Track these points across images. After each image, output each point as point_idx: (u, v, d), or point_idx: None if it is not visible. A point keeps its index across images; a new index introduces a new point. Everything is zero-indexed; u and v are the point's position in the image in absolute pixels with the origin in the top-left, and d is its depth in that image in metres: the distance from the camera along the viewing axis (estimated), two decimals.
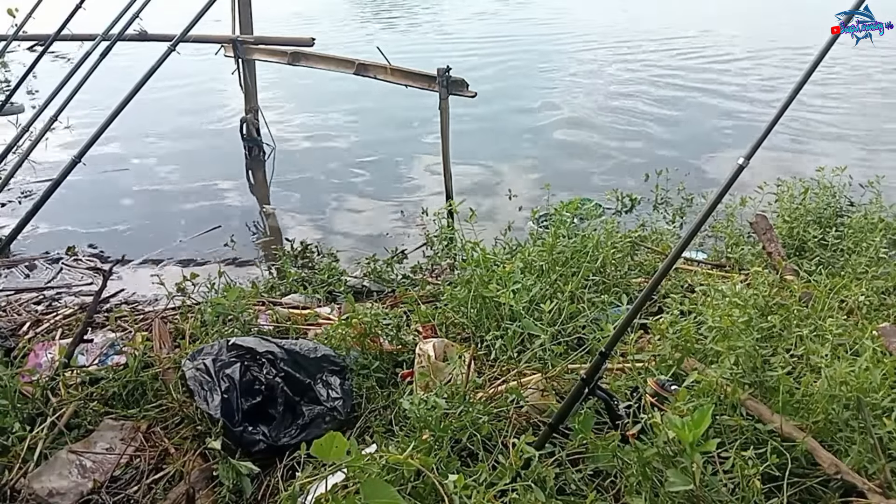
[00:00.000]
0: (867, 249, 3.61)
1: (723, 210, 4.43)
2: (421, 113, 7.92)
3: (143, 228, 5.62)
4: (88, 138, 3.90)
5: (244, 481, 2.39)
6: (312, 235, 5.41)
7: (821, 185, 4.45)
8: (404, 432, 2.40)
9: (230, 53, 6.46)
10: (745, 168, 2.04)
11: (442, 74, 5.02)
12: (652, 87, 9.78)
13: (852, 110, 8.48)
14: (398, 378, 2.89)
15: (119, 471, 2.52)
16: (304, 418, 2.62)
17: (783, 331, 2.66)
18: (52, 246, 5.14)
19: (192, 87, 9.79)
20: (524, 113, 8.83)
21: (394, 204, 6.07)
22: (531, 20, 16.03)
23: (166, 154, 7.49)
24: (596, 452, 2.14)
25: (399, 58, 5.54)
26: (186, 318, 3.40)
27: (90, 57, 4.35)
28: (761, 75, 10.18)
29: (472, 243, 3.38)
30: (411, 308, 3.40)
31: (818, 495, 2.09)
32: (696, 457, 1.80)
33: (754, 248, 4.03)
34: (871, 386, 2.16)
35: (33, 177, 6.25)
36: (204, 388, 2.62)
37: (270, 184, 6.72)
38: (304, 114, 8.90)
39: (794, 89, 2.08)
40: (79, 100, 4.17)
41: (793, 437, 2.12)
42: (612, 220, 3.87)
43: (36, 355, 3.16)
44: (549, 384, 2.65)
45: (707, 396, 2.25)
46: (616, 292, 3.30)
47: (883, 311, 3.05)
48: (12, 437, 2.54)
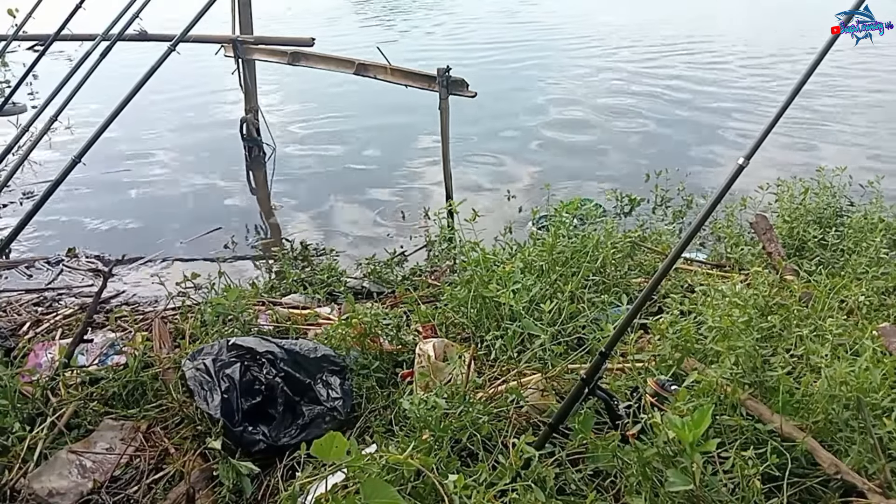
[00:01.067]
0: (867, 249, 3.61)
1: (723, 210, 4.43)
2: (421, 113, 7.92)
3: (144, 229, 5.62)
4: (88, 138, 3.89)
5: (244, 481, 2.39)
6: (312, 236, 5.42)
7: (821, 185, 4.45)
8: (404, 432, 2.40)
9: (230, 53, 6.46)
10: (744, 168, 2.04)
11: (442, 74, 5.02)
12: (653, 87, 9.78)
13: (852, 110, 8.48)
14: (398, 378, 2.89)
15: (119, 471, 2.52)
16: (304, 418, 2.62)
17: (783, 331, 2.66)
18: (52, 247, 5.14)
19: (192, 87, 9.79)
20: (525, 112, 8.84)
21: (394, 204, 6.07)
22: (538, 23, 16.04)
23: (166, 154, 7.49)
24: (596, 452, 2.14)
25: (413, 59, 5.54)
26: (186, 318, 3.41)
27: (90, 57, 4.34)
28: (762, 74, 10.18)
29: (472, 243, 3.38)
30: (411, 308, 3.40)
31: (818, 495, 2.09)
32: (696, 457, 1.80)
33: (754, 248, 4.03)
34: (871, 386, 2.16)
35: (34, 177, 6.25)
36: (204, 388, 2.62)
37: (271, 184, 6.72)
38: (305, 114, 8.90)
39: (794, 89, 2.08)
40: (79, 100, 4.16)
41: (793, 437, 2.12)
42: (611, 221, 3.87)
43: (36, 355, 3.16)
44: (549, 384, 2.65)
45: (707, 396, 2.25)
46: (616, 292, 3.30)
47: (883, 311, 3.05)
48: (12, 437, 2.54)
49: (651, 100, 9.16)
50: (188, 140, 7.98)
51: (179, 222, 5.75)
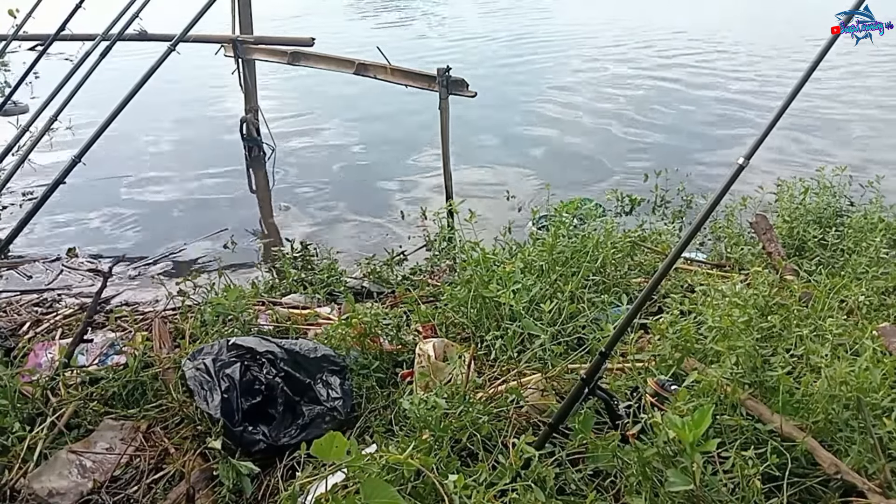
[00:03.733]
0: (867, 249, 3.61)
1: (723, 210, 4.43)
2: (421, 113, 7.92)
3: (144, 229, 5.62)
4: (88, 138, 3.89)
5: (244, 481, 2.39)
6: (312, 236, 5.42)
7: (821, 185, 4.44)
8: (404, 432, 2.40)
9: (230, 53, 6.46)
10: (744, 168, 2.04)
11: (442, 74, 5.02)
12: (655, 87, 9.78)
13: (853, 109, 8.48)
14: (398, 378, 2.89)
15: (119, 471, 2.52)
16: (304, 418, 2.62)
17: (783, 331, 2.66)
18: (52, 247, 5.14)
19: (192, 87, 9.78)
20: (525, 113, 8.83)
21: (394, 204, 6.07)
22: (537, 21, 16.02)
23: (166, 154, 7.49)
24: (596, 452, 2.14)
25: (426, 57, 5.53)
26: (186, 318, 3.40)
27: (90, 57, 4.34)
28: (762, 74, 10.18)
29: (472, 243, 3.38)
30: (411, 308, 3.39)
31: (818, 495, 2.09)
32: (696, 457, 1.80)
33: (754, 248, 4.03)
34: (871, 386, 2.16)
35: (34, 178, 6.25)
36: (204, 388, 2.62)
37: (271, 184, 6.72)
38: (305, 114, 8.89)
39: (793, 89, 2.08)
40: (79, 100, 4.16)
41: (793, 437, 2.12)
42: (611, 220, 3.87)
43: (36, 355, 3.16)
44: (549, 384, 2.64)
45: (707, 396, 2.25)
46: (616, 292, 3.30)
47: (883, 311, 3.05)
48: (12, 437, 2.54)
49: (652, 101, 9.15)
50: (188, 140, 7.97)
51: (179, 222, 5.75)
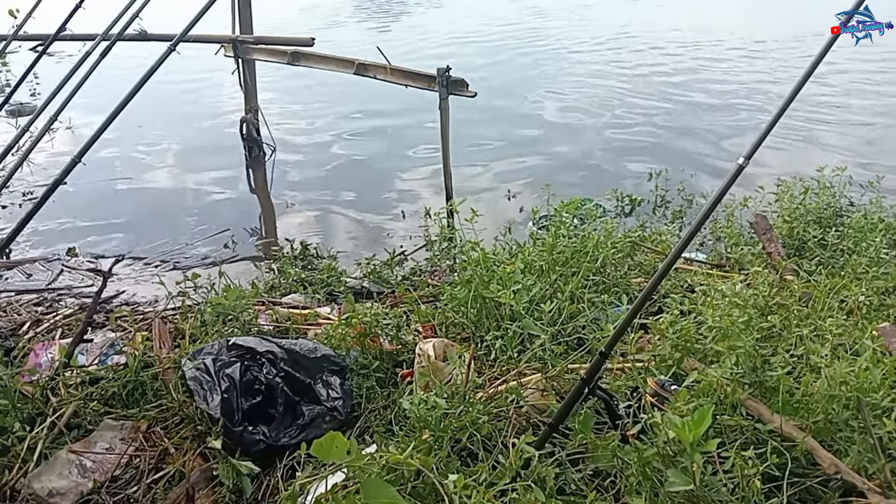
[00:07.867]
0: (867, 249, 3.61)
1: (723, 210, 4.43)
2: (421, 113, 7.92)
3: (144, 229, 5.62)
4: (88, 138, 3.89)
5: (244, 481, 2.39)
6: (312, 236, 5.41)
7: (821, 185, 4.44)
8: (404, 432, 2.40)
9: (230, 53, 6.46)
10: (744, 168, 2.04)
11: (442, 74, 5.02)
12: (656, 87, 9.78)
13: (853, 109, 8.48)
14: (398, 378, 2.89)
15: (119, 471, 2.52)
16: (304, 418, 2.62)
17: (783, 331, 2.66)
18: (52, 247, 5.14)
19: (192, 87, 9.78)
20: (526, 112, 8.83)
21: (394, 204, 6.06)
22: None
23: (166, 154, 7.48)
24: (596, 452, 2.14)
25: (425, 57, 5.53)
26: (186, 318, 3.40)
27: (90, 57, 4.35)
28: (763, 75, 10.18)
29: (472, 243, 3.38)
30: (411, 308, 3.39)
31: (818, 495, 2.09)
32: (696, 457, 1.80)
33: (754, 248, 4.03)
34: (871, 386, 2.16)
35: (34, 178, 6.25)
36: (204, 388, 2.62)
37: (271, 184, 6.72)
38: (305, 114, 8.89)
39: (793, 89, 2.08)
40: (79, 100, 4.17)
41: (793, 437, 2.12)
42: (611, 221, 3.86)
43: (36, 355, 3.16)
44: (549, 384, 2.64)
45: (707, 396, 2.25)
46: (616, 292, 3.30)
47: (883, 311, 3.05)
48: (12, 437, 2.54)
49: (653, 100, 9.15)
50: (188, 140, 7.97)
51: (179, 222, 5.74)
